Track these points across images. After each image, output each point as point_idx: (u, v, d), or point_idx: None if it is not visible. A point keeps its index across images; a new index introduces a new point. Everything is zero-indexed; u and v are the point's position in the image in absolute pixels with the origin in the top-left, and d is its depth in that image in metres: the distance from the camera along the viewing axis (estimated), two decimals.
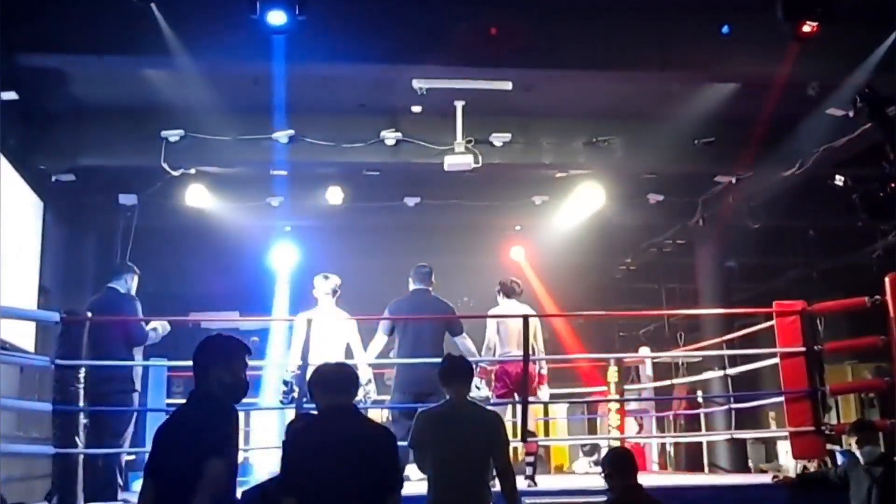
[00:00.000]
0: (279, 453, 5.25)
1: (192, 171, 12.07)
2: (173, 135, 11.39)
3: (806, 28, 8.73)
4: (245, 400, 5.02)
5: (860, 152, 11.03)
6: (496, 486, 5.68)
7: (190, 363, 4.55)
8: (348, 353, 8.78)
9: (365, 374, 8.43)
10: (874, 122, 8.62)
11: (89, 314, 8.05)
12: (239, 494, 4.51)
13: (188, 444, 4.30)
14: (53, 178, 11.60)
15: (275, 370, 8.69)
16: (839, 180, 9.88)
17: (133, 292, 8.81)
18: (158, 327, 8.77)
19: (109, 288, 8.93)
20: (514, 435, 8.91)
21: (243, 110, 11.32)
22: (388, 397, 9.00)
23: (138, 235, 12.90)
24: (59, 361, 7.65)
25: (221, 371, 4.54)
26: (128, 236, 12.82)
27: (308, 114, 11.54)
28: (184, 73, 9.74)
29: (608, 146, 12.30)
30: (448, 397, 5.85)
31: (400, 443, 5.22)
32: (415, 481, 6.21)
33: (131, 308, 8.64)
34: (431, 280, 9.10)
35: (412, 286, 9.13)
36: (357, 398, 5.16)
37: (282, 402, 8.39)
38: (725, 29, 9.65)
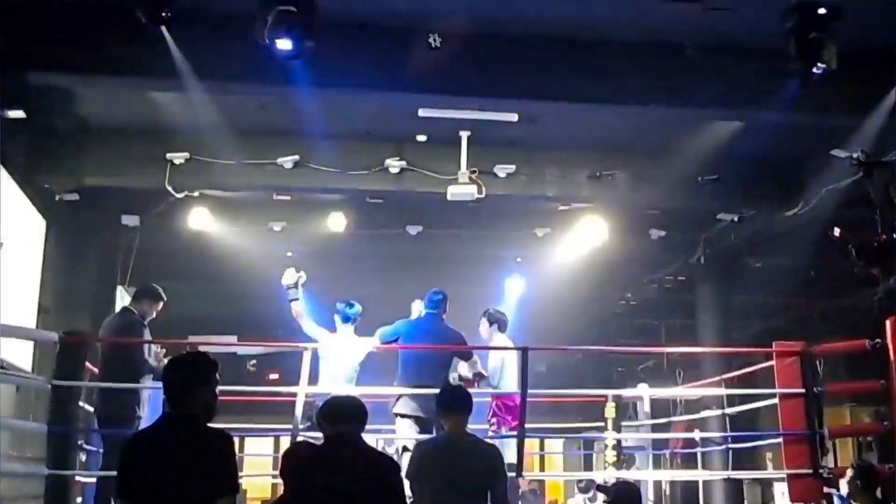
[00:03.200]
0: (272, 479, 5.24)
1: (196, 193, 12.08)
2: (178, 157, 11.41)
3: (816, 70, 8.74)
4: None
5: (865, 194, 11.03)
6: None
7: None
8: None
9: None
10: (868, 181, 8.77)
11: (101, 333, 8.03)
12: None
13: (186, 472, 4.15)
14: (57, 198, 11.61)
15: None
16: (836, 232, 9.91)
17: (148, 318, 8.69)
18: (152, 358, 8.63)
19: (126, 309, 8.90)
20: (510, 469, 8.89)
21: (249, 134, 11.34)
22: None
23: (139, 257, 12.91)
24: (55, 382, 7.63)
25: (206, 392, 4.46)
26: (129, 257, 12.83)
27: (313, 139, 11.56)
28: (191, 95, 9.76)
29: (612, 180, 12.31)
30: (445, 428, 5.83)
31: None
32: None
33: (136, 334, 8.51)
34: (445, 307, 9.08)
35: (422, 311, 9.13)
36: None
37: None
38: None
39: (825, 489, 8.40)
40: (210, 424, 4.38)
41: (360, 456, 4.93)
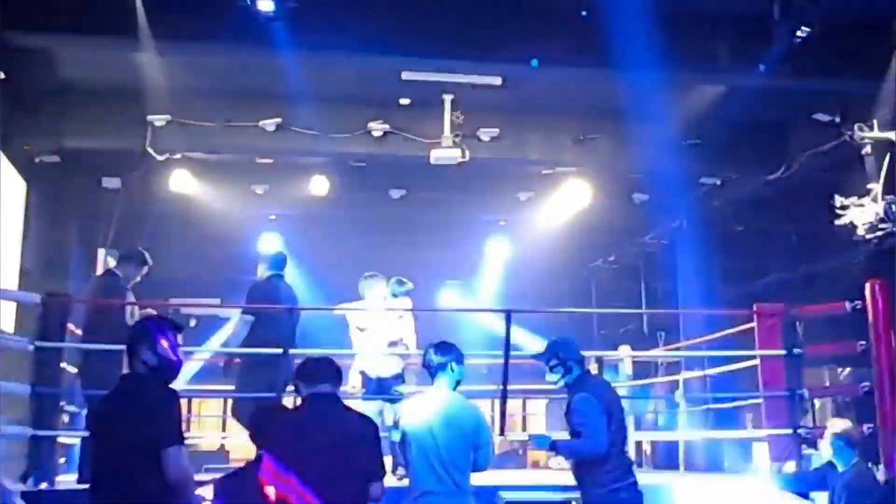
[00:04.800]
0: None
1: (178, 156, 12.03)
2: (159, 119, 11.34)
3: (800, 34, 8.76)
4: None
5: (846, 157, 11.09)
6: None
7: None
8: None
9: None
10: None
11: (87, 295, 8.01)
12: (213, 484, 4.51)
13: (131, 427, 4.32)
14: (37, 159, 11.54)
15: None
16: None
17: (132, 281, 8.65)
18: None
19: (110, 271, 8.87)
20: (493, 429, 8.95)
21: (230, 97, 11.30)
22: None
23: (121, 219, 12.86)
24: (38, 343, 7.62)
25: (145, 352, 4.56)
26: (110, 220, 12.77)
27: (295, 102, 11.51)
28: (171, 57, 9.71)
29: (595, 144, 12.32)
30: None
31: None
32: None
33: (119, 297, 8.48)
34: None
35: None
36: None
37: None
38: None
39: (804, 448, 8.51)
40: (164, 381, 4.56)
41: (340, 415, 4.96)
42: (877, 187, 9.86)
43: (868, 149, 9.95)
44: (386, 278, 9.32)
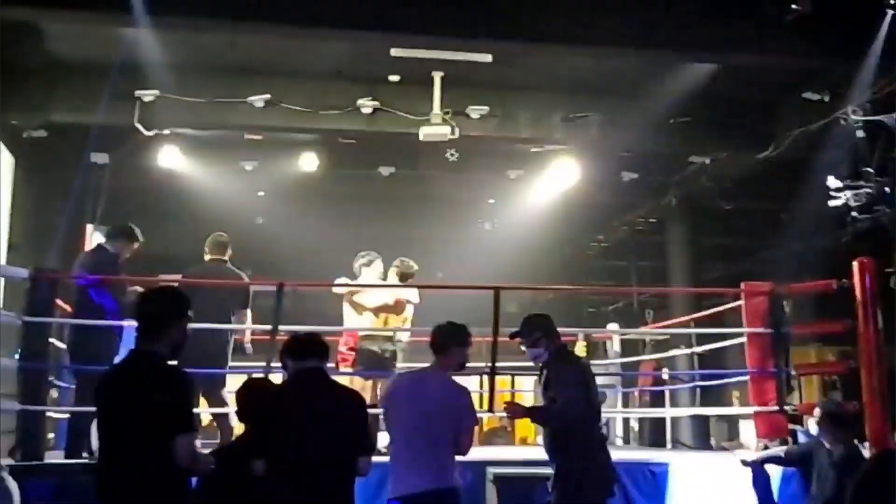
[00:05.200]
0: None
1: (166, 132, 11.99)
2: (148, 95, 11.28)
3: (790, 12, 8.76)
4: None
5: (835, 136, 11.12)
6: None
7: None
8: None
9: None
10: None
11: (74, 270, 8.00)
12: None
13: (145, 410, 4.19)
14: (25, 134, 11.49)
15: None
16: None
17: (122, 257, 8.61)
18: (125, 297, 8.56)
19: (100, 247, 8.84)
20: (481, 406, 8.99)
21: (219, 73, 11.26)
22: None
23: (109, 195, 12.82)
24: (26, 318, 7.61)
25: (176, 330, 4.46)
26: (99, 195, 12.73)
27: (284, 79, 11.49)
28: (160, 32, 9.65)
29: (585, 123, 12.31)
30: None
31: None
32: None
33: (109, 272, 8.45)
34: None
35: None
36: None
37: None
38: None
39: (790, 426, 8.56)
40: (173, 363, 4.41)
41: (328, 390, 4.97)
42: (870, 169, 9.90)
43: (861, 132, 9.97)
44: (380, 257, 9.35)
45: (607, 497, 6.09)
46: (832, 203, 10.31)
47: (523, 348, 6.37)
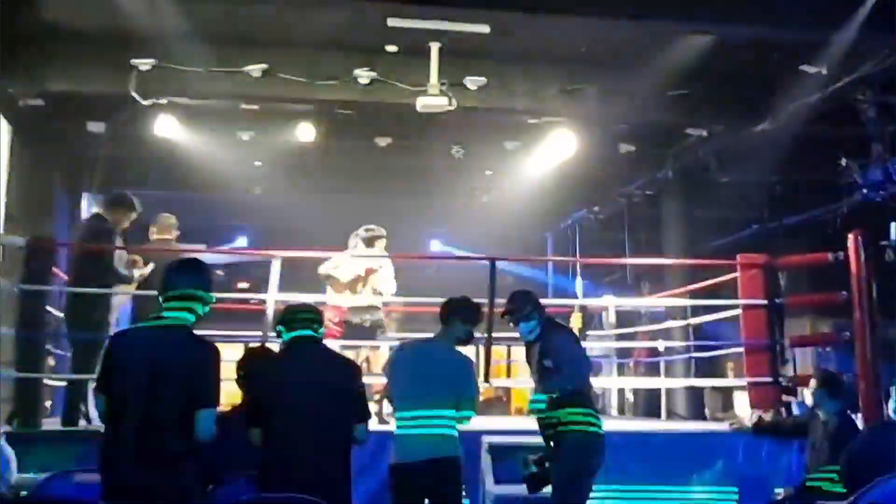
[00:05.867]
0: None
1: (163, 101, 11.93)
2: (144, 63, 11.21)
3: None
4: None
5: (833, 109, 11.14)
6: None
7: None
8: None
9: None
10: None
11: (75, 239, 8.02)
12: None
13: (173, 380, 4.23)
14: (21, 103, 11.44)
15: None
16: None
17: (119, 226, 8.62)
18: (136, 272, 8.56)
19: (98, 215, 8.85)
20: (477, 376, 9.04)
21: (216, 42, 11.17)
22: None
23: (106, 164, 12.81)
24: (23, 286, 7.64)
25: (203, 301, 4.47)
26: (95, 164, 12.72)
27: (281, 48, 11.43)
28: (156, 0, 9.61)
29: (582, 94, 12.28)
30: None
31: None
32: None
33: (106, 241, 8.46)
34: None
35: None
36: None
37: None
38: None
39: (784, 397, 8.62)
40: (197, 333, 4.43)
41: (323, 358, 5.00)
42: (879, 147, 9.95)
43: (872, 112, 10.00)
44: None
45: (603, 461, 6.20)
46: (842, 180, 10.34)
47: (512, 325, 6.44)
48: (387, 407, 6.50)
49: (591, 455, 6.14)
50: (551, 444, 6.19)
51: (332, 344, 8.46)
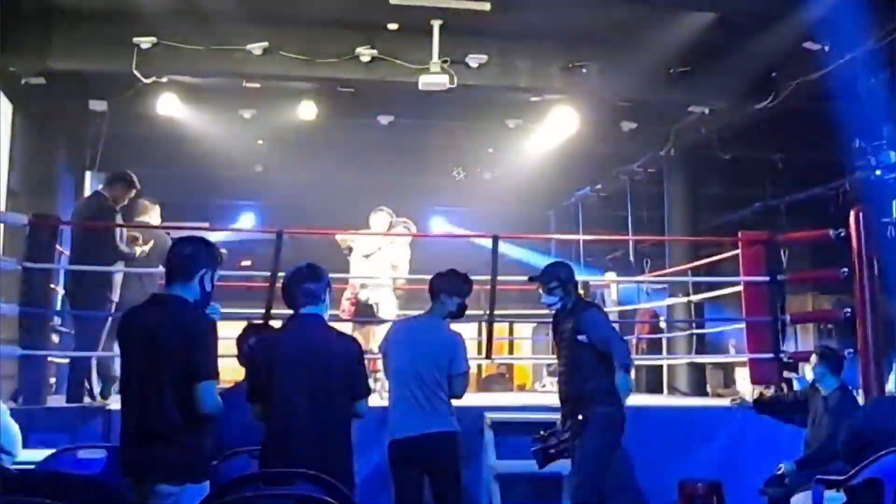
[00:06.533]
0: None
1: (165, 79, 11.91)
2: (145, 41, 11.20)
3: None
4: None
5: (835, 86, 11.11)
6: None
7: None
8: None
9: None
10: None
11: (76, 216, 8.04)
12: None
13: (170, 354, 4.25)
14: (23, 81, 11.43)
15: None
16: None
17: (119, 204, 8.65)
18: (137, 249, 8.58)
19: (98, 193, 8.87)
20: (479, 353, 9.09)
21: (217, 20, 11.16)
22: None
23: (108, 142, 12.81)
24: (26, 264, 7.67)
25: (207, 277, 4.49)
26: (97, 142, 12.73)
27: (283, 26, 11.41)
28: None
29: (584, 72, 12.25)
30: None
31: None
32: None
33: (107, 218, 8.48)
34: None
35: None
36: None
37: None
38: None
39: (785, 373, 8.66)
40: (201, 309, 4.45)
41: (324, 334, 5.01)
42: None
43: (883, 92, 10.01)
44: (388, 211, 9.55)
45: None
46: (857, 163, 10.35)
47: (541, 292, 6.47)
48: (385, 384, 6.54)
49: (621, 432, 6.22)
50: (579, 418, 6.17)
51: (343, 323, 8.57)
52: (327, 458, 4.66)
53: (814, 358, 7.44)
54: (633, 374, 6.23)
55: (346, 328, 8.40)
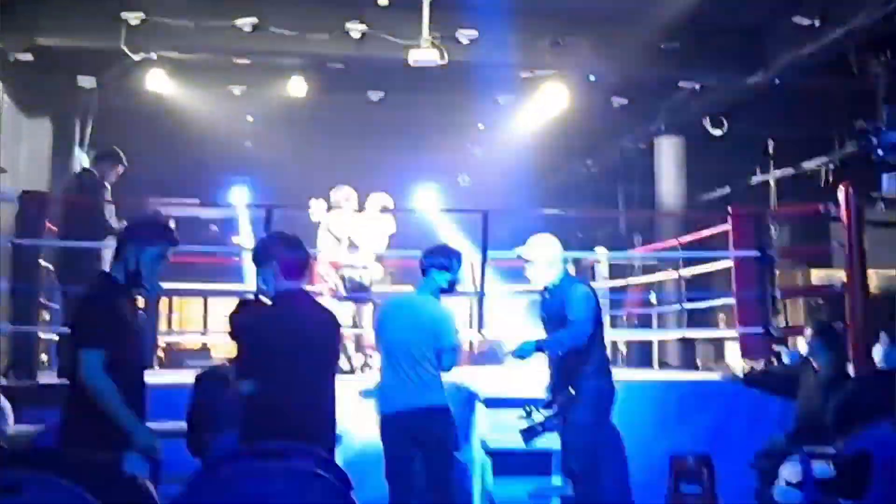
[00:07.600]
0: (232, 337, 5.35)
1: (153, 55, 11.86)
2: (133, 17, 11.14)
3: None
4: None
5: (825, 61, 11.12)
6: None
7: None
8: None
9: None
10: None
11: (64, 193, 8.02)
12: (193, 379, 4.54)
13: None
14: (11, 58, 11.37)
15: None
16: None
17: (107, 180, 8.62)
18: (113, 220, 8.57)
19: (86, 170, 8.85)
20: (471, 327, 9.11)
21: None
22: None
23: (97, 119, 12.76)
24: (16, 240, 7.65)
25: (132, 256, 4.53)
26: (86, 119, 12.68)
27: (272, 2, 11.37)
28: None
29: (575, 48, 12.23)
30: None
31: None
32: None
33: (96, 195, 8.46)
34: None
35: None
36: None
37: None
38: None
39: (775, 347, 8.69)
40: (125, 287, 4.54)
41: (313, 310, 5.03)
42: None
43: (883, 72, 10.02)
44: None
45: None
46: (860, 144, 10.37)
47: (526, 267, 6.46)
48: (377, 360, 6.56)
49: (611, 405, 6.23)
50: (571, 392, 6.18)
51: (328, 301, 8.53)
52: (313, 431, 4.67)
53: (808, 332, 7.45)
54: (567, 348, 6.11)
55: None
